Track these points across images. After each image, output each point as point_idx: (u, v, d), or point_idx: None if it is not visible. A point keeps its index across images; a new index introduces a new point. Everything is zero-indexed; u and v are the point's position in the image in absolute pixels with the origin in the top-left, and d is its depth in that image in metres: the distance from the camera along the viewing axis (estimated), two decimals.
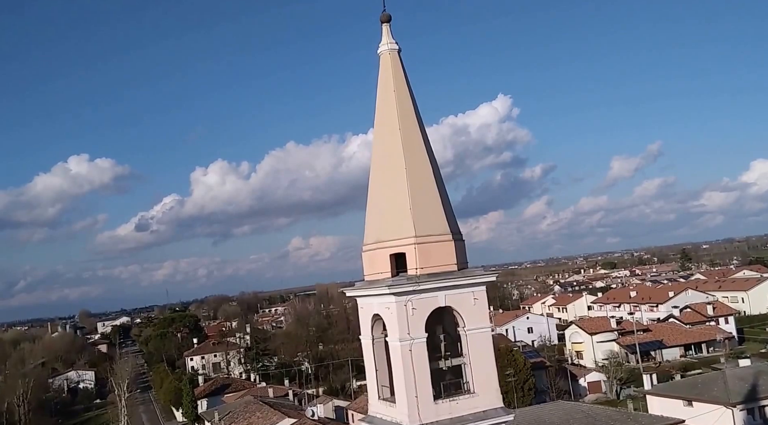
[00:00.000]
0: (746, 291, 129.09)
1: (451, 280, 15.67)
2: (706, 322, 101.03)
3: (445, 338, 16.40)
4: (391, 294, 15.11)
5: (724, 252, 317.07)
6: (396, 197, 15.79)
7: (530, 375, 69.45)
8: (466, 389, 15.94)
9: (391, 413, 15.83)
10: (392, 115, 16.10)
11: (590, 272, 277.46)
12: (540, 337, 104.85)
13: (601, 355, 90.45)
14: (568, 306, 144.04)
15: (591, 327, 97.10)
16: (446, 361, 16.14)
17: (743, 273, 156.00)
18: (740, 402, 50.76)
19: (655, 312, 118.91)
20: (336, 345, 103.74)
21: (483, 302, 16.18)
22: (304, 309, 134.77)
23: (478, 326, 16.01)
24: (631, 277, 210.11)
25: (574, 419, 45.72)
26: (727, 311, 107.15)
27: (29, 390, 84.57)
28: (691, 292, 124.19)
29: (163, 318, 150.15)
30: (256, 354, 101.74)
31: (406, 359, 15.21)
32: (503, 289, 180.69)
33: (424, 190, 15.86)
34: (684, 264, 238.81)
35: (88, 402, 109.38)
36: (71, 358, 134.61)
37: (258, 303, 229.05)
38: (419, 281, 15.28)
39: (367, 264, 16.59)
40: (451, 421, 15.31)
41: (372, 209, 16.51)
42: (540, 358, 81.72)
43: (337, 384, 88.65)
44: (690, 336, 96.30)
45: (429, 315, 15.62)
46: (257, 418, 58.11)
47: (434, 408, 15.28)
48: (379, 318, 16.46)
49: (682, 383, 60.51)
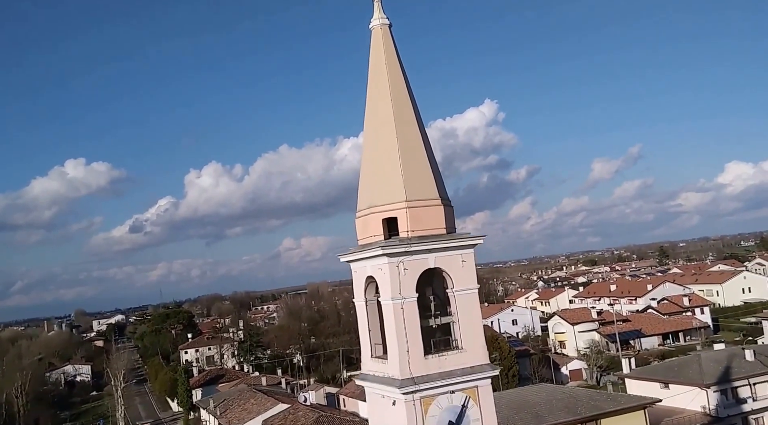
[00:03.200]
0: (721, 284, 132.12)
1: (441, 243, 16.58)
2: (683, 313, 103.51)
3: (434, 298, 17.34)
4: (384, 255, 15.99)
5: (700, 249, 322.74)
6: (388, 164, 16.69)
7: (514, 363, 70.90)
8: (455, 346, 16.89)
9: (384, 369, 16.74)
10: (384, 85, 16.98)
11: (572, 269, 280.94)
12: (524, 328, 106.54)
13: (582, 344, 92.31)
14: (550, 300, 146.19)
15: (573, 317, 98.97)
16: (435, 320, 17.07)
17: (718, 267, 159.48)
18: (714, 383, 52.45)
19: (634, 304, 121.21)
20: (327, 338, 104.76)
21: (471, 264, 17.12)
22: (296, 304, 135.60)
23: (465, 287, 16.95)
24: (611, 273, 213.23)
25: (556, 399, 47.09)
26: (703, 302, 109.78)
27: (27, 382, 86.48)
28: (669, 285, 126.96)
29: (158, 314, 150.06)
30: (250, 346, 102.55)
31: (398, 317, 16.12)
32: (488, 285, 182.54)
33: (414, 156, 16.78)
34: (662, 261, 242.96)
35: (84, 394, 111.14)
36: (68, 353, 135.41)
37: (250, 302, 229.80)
38: (411, 243, 16.19)
39: (361, 229, 17.49)
40: (440, 375, 16.25)
41: (365, 176, 17.41)
42: (524, 347, 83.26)
43: (328, 375, 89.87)
44: (667, 326, 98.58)
45: (419, 276, 16.55)
46: (251, 404, 58.92)
47: (424, 363, 16.20)
48: (372, 281, 17.36)
49: (659, 366, 62.22)
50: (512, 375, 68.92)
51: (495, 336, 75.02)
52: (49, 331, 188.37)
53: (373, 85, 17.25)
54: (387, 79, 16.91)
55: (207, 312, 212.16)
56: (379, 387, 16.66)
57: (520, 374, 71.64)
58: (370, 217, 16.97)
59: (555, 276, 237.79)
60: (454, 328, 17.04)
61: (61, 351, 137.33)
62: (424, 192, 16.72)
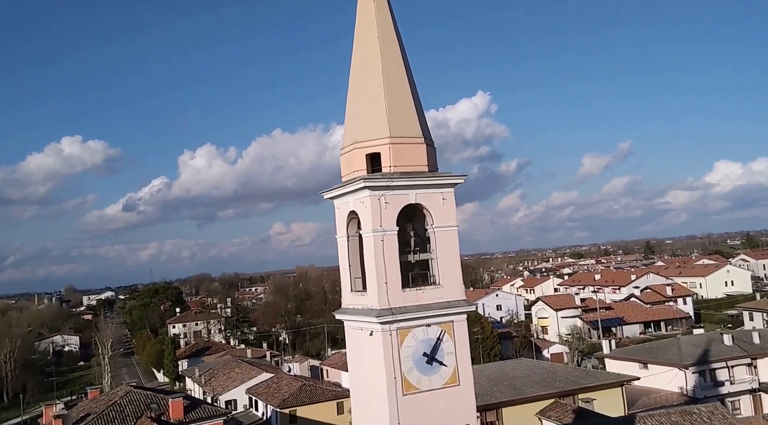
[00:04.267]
0: (704, 277, 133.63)
1: (422, 179, 16.90)
2: (666, 302, 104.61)
3: (414, 235, 17.69)
4: (366, 188, 16.29)
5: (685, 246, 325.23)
6: (373, 100, 16.97)
7: (497, 343, 71.56)
8: (433, 281, 17.25)
9: (363, 301, 17.08)
10: (371, 24, 17.22)
11: (558, 261, 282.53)
12: (508, 311, 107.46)
13: (564, 330, 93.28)
14: (535, 287, 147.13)
15: (556, 303, 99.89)
16: (415, 256, 17.44)
17: (702, 261, 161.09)
18: (692, 364, 53.37)
19: (617, 294, 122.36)
20: (313, 317, 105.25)
21: (451, 203, 17.44)
22: (283, 282, 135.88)
23: (445, 224, 17.29)
24: (597, 265, 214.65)
25: (535, 374, 47.71)
26: (685, 292, 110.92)
27: (16, 349, 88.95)
28: (653, 276, 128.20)
29: (147, 289, 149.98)
30: (237, 321, 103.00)
31: (377, 249, 16.44)
32: (474, 273, 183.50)
33: (399, 94, 17.06)
34: (647, 255, 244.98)
35: (72, 363, 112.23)
36: (57, 326, 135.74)
37: (239, 283, 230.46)
38: (393, 177, 16.50)
39: (345, 165, 17.77)
40: (417, 307, 16.61)
41: (350, 113, 17.68)
42: (507, 329, 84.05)
43: (313, 351, 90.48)
44: (650, 315, 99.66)
45: (400, 211, 16.86)
46: (236, 373, 59.38)
47: (402, 295, 16.55)
48: (354, 217, 17.66)
49: (639, 348, 63.09)
50: (494, 355, 69.64)
51: (478, 316, 75.69)
52: (39, 305, 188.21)
53: (361, 22, 17.49)
54: (374, 17, 17.16)
55: (196, 292, 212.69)
56: (358, 319, 17.00)
57: (503, 354, 72.37)
58: (354, 153, 17.25)
59: (541, 267, 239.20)
60: (433, 265, 17.39)
61: (50, 323, 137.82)
62: (407, 129, 17.03)
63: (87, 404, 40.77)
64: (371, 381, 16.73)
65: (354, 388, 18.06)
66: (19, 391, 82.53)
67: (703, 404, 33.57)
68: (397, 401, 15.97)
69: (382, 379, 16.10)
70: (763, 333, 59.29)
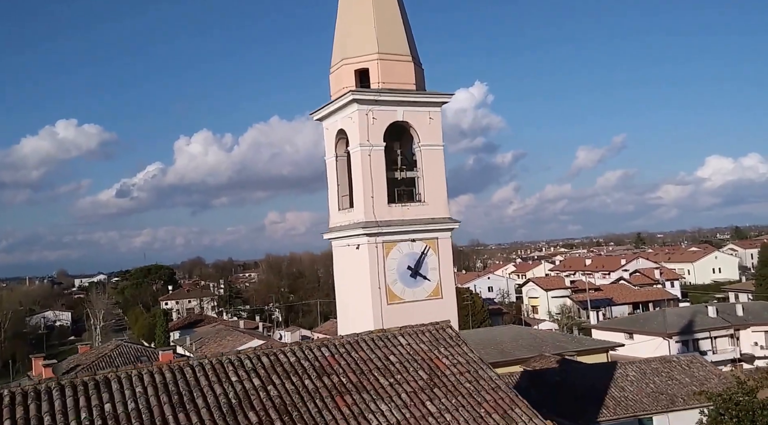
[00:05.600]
0: (692, 263, 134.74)
1: (410, 96, 17.23)
2: (654, 285, 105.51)
3: (401, 155, 18.01)
4: (354, 101, 16.58)
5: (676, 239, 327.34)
6: (361, 18, 17.22)
7: (487, 317, 72.14)
8: (418, 199, 17.62)
9: (350, 217, 17.42)
10: None
11: (551, 250, 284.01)
12: (499, 291, 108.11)
13: (554, 310, 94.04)
14: (527, 272, 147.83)
15: (547, 284, 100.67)
16: (401, 173, 17.78)
17: (691, 249, 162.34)
18: (676, 333, 54.15)
19: (607, 278, 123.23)
20: (306, 296, 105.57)
21: (437, 122, 17.77)
22: (276, 260, 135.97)
23: (431, 143, 17.63)
24: (588, 253, 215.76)
25: (522, 339, 48.29)
26: (674, 276, 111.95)
27: (7, 321, 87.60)
28: (642, 261, 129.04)
29: (139, 269, 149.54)
30: (230, 297, 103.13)
31: (365, 164, 16.77)
32: (468, 260, 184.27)
33: (388, 12, 17.31)
34: (638, 245, 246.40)
35: (63, 338, 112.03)
36: (48, 303, 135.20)
37: (233, 268, 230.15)
38: (381, 92, 16.81)
39: (334, 84, 18.03)
40: (403, 222, 16.97)
41: (339, 32, 17.91)
42: (498, 306, 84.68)
43: (306, 326, 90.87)
44: (638, 296, 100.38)
45: (388, 131, 17.17)
46: (227, 341, 59.73)
47: (388, 210, 16.91)
48: (342, 137, 17.96)
49: (624, 319, 63.94)
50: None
51: (469, 292, 76.29)
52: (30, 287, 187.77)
53: None
54: None
55: (189, 276, 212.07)
56: (345, 234, 17.32)
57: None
58: (342, 69, 17.51)
59: (534, 255, 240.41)
60: (419, 183, 17.73)
61: (42, 301, 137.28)
62: (396, 47, 17.31)
63: (77, 357, 41.12)
64: (357, 294, 17.10)
65: (341, 305, 18.42)
66: (9, 360, 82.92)
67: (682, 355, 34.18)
68: (382, 310, 16.35)
69: (367, 289, 16.48)
70: (746, 306, 60.15)
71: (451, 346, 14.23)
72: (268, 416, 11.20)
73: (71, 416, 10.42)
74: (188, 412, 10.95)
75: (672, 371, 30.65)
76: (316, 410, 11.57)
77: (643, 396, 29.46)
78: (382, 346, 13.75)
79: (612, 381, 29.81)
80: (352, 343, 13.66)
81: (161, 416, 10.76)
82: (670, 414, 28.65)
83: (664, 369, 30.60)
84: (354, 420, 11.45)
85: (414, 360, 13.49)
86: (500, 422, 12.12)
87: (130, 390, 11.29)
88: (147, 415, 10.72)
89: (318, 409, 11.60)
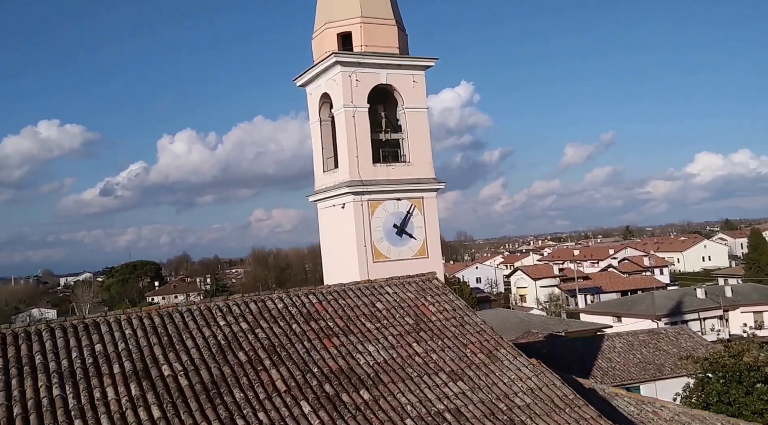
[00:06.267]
0: (681, 252, 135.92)
1: (393, 59, 17.43)
2: (643, 272, 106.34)
3: (385, 118, 18.22)
4: (338, 63, 16.75)
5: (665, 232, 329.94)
6: None
7: (475, 305, 72.46)
8: (403, 159, 17.84)
9: (335, 178, 17.60)
10: None
11: (539, 243, 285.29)
12: (488, 280, 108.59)
13: (543, 299, 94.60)
14: (515, 263, 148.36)
15: (535, 273, 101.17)
16: (386, 135, 17.99)
17: (681, 238, 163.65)
18: (665, 315, 54.71)
19: (596, 267, 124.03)
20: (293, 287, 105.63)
21: (421, 86, 17.96)
22: (263, 253, 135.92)
23: (416, 105, 17.83)
24: (576, 246, 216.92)
25: (510, 322, 48.67)
26: (663, 263, 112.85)
27: None
28: (630, 250, 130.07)
29: (125, 265, 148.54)
30: (216, 291, 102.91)
31: (349, 124, 16.96)
32: (456, 253, 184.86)
33: None
34: (627, 237, 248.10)
35: None
36: (34, 302, 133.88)
37: (219, 265, 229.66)
38: (364, 54, 17.01)
39: (316, 49, 18.21)
40: (388, 182, 17.17)
41: None
42: (486, 294, 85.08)
43: None
44: (627, 284, 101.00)
45: (372, 95, 17.36)
46: None
47: (373, 169, 17.10)
48: (326, 101, 18.15)
49: (613, 301, 64.47)
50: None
51: (457, 279, 76.65)
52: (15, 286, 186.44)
53: None
54: None
55: (175, 273, 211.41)
56: (330, 194, 17.50)
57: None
58: (325, 33, 17.69)
59: (522, 248, 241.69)
60: (403, 144, 17.94)
61: (27, 300, 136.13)
62: (379, 10, 17.49)
63: None
64: (343, 253, 17.30)
65: (327, 266, 18.61)
66: None
67: (670, 327, 34.63)
68: (368, 267, 16.55)
69: (353, 247, 16.67)
70: (735, 287, 60.85)
71: (437, 295, 14.49)
72: (257, 355, 11.40)
73: (62, 355, 10.58)
74: (178, 352, 11.14)
75: (659, 342, 31.08)
76: (305, 350, 11.79)
77: (630, 366, 29.86)
78: (368, 294, 13.99)
79: (599, 353, 30.18)
80: (339, 292, 13.89)
81: (151, 355, 10.94)
82: (657, 383, 29.05)
83: (651, 340, 31.03)
84: (342, 359, 11.68)
85: (400, 307, 13.74)
86: (485, 361, 12.38)
87: (120, 332, 11.47)
88: (137, 354, 10.90)
89: (306, 349, 11.81)
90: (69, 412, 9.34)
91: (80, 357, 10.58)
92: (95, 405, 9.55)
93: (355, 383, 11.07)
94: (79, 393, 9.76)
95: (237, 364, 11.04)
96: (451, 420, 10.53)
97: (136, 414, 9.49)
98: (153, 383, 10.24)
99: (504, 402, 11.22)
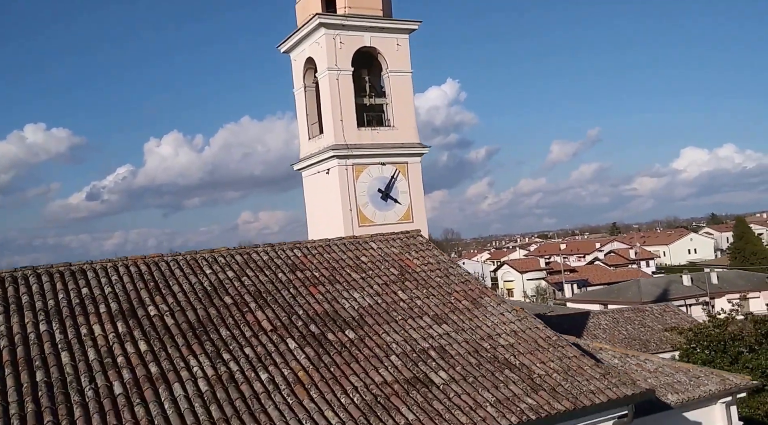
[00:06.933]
0: (667, 245, 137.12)
1: (377, 22, 17.57)
2: (629, 265, 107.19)
3: (369, 82, 18.34)
4: (321, 25, 16.86)
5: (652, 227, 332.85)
6: None
7: None
8: (388, 124, 17.98)
9: (319, 143, 17.69)
10: None
11: (526, 240, 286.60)
12: (474, 273, 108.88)
13: (530, 292, 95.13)
14: (502, 259, 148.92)
15: (522, 266, 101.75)
16: (371, 99, 18.11)
17: (667, 232, 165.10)
18: (651, 301, 54.96)
19: (582, 260, 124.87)
20: None
21: (405, 49, 18.11)
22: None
23: (399, 69, 17.97)
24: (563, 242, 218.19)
25: None
26: (649, 256, 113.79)
27: None
28: (617, 244, 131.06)
29: None
30: None
31: (333, 88, 17.07)
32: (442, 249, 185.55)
33: None
34: (613, 233, 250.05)
35: None
36: None
37: None
38: (347, 16, 17.14)
39: (300, 13, 18.29)
40: (372, 146, 17.31)
41: None
42: None
43: None
44: (613, 277, 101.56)
45: (356, 56, 17.47)
46: None
47: (357, 134, 17.22)
48: (311, 66, 18.24)
49: (599, 290, 64.93)
50: None
51: None
52: None
53: None
54: None
55: None
56: (315, 160, 17.59)
57: None
58: None
59: (509, 245, 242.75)
60: (387, 109, 18.07)
61: None
62: None
63: None
64: (328, 219, 17.38)
65: (312, 235, 18.68)
66: None
67: (655, 304, 34.96)
68: (353, 232, 16.63)
69: (338, 211, 16.79)
70: (721, 274, 61.39)
71: (422, 250, 14.62)
72: (243, 299, 11.49)
73: (49, 296, 10.62)
74: (164, 295, 11.21)
75: (645, 319, 31.42)
76: (290, 295, 11.89)
77: (616, 342, 30.07)
78: (353, 249, 14.11)
79: (585, 330, 30.41)
80: (324, 246, 14.00)
81: (138, 298, 11.00)
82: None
83: (636, 317, 31.36)
84: (327, 304, 11.79)
85: (385, 261, 13.86)
86: (470, 306, 12.54)
87: (106, 278, 11.51)
88: (124, 297, 10.96)
89: (292, 295, 11.91)
90: (56, 345, 9.39)
91: (66, 298, 10.62)
92: (82, 340, 9.61)
93: (341, 324, 11.18)
94: (66, 329, 9.82)
95: (223, 306, 11.13)
96: (435, 357, 10.67)
97: (123, 348, 9.56)
98: (139, 321, 10.30)
99: (488, 342, 11.38)
